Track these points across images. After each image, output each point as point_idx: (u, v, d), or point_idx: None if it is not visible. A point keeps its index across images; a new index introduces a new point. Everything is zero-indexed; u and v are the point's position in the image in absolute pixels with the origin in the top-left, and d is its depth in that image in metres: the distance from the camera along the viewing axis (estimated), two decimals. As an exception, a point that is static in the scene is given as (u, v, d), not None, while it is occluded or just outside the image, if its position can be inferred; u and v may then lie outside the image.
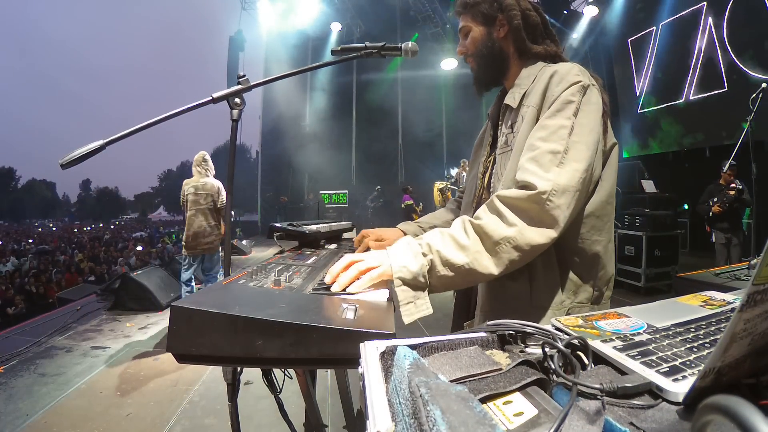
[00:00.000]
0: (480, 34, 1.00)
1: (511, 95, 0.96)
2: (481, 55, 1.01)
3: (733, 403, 0.20)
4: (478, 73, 1.04)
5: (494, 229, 0.75)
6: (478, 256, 0.74)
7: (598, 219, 0.89)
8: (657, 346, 0.44)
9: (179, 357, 0.52)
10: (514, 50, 1.01)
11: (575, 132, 0.80)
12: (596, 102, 0.86)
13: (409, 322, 0.70)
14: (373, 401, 0.34)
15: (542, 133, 0.82)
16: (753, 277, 0.27)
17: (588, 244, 0.89)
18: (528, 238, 0.74)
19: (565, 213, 0.76)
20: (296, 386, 0.91)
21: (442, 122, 15.01)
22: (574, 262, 0.90)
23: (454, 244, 0.75)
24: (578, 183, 0.78)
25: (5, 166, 60.62)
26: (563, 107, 0.83)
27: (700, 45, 8.10)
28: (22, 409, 2.44)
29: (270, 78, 1.00)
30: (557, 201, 0.75)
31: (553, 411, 0.33)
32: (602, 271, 0.92)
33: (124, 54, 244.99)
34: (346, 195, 13.42)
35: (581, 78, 0.86)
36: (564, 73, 0.87)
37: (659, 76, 9.20)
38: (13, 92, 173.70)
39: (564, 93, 0.84)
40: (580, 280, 0.90)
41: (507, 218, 0.76)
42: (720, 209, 4.46)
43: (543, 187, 0.75)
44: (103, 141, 0.76)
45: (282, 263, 0.91)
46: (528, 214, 0.76)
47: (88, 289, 5.84)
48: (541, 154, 0.79)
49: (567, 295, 0.89)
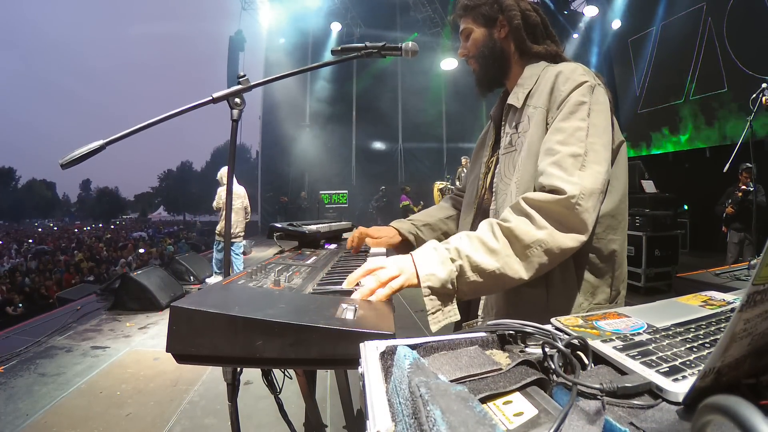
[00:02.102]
0: (481, 35, 1.01)
1: (514, 95, 0.96)
2: (483, 56, 1.01)
3: (733, 403, 0.20)
4: (480, 75, 1.04)
5: (525, 232, 0.74)
6: (509, 260, 0.73)
7: (613, 218, 0.89)
8: (657, 346, 0.44)
9: (179, 357, 0.52)
10: (515, 50, 1.01)
11: (591, 133, 0.80)
12: (604, 101, 0.86)
13: (437, 330, 0.67)
14: (373, 401, 0.34)
15: (560, 137, 0.81)
16: (753, 278, 0.27)
17: (604, 243, 0.88)
18: (559, 241, 0.74)
19: (593, 216, 0.76)
20: (296, 386, 0.91)
21: (442, 122, 15.01)
22: (591, 263, 0.89)
23: (484, 249, 0.73)
24: (602, 185, 0.78)
25: (5, 166, 60.52)
26: (576, 109, 0.83)
27: (700, 45, 8.11)
28: (22, 409, 2.44)
29: (270, 78, 1.00)
30: (585, 204, 0.75)
31: (553, 411, 0.33)
32: (618, 271, 0.91)
33: (124, 54, 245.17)
34: (346, 195, 13.42)
35: (587, 78, 0.86)
36: (569, 73, 0.87)
37: (659, 76, 9.20)
38: (13, 92, 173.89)
39: (573, 94, 0.84)
40: (598, 281, 0.89)
41: (536, 221, 0.74)
42: (732, 210, 4.70)
43: (572, 191, 0.74)
44: (103, 141, 0.76)
45: (282, 263, 0.91)
46: (557, 218, 0.75)
47: (88, 289, 5.84)
48: (562, 158, 0.79)
49: (585, 297, 0.88)
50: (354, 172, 15.10)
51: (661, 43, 9.14)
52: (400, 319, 0.63)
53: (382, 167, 14.67)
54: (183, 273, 5.73)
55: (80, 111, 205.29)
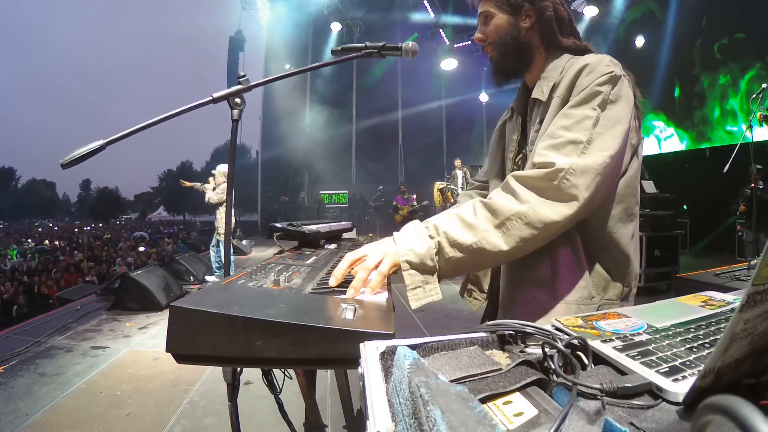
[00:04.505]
0: (505, 22, 0.95)
1: (539, 89, 0.92)
2: (505, 44, 0.95)
3: (733, 403, 0.20)
4: (499, 63, 0.99)
5: (504, 205, 0.73)
6: (486, 234, 0.72)
7: (624, 211, 0.88)
8: (657, 346, 0.44)
9: (178, 357, 0.52)
10: (540, 42, 0.96)
11: (601, 124, 0.76)
12: (626, 94, 0.81)
13: (417, 308, 0.69)
14: (373, 401, 0.34)
15: (565, 122, 0.78)
16: (753, 278, 0.27)
17: (617, 237, 0.87)
18: (540, 214, 0.71)
19: (583, 194, 0.73)
20: (296, 386, 0.91)
21: (442, 122, 15.01)
22: (602, 256, 0.87)
23: (462, 224, 0.73)
24: (600, 166, 0.74)
25: (5, 166, 60.56)
26: (590, 98, 0.79)
27: (700, 44, 8.11)
28: (22, 409, 2.43)
29: (270, 78, 1.00)
30: (574, 180, 0.72)
31: (553, 411, 0.33)
32: (631, 266, 0.90)
33: (124, 54, 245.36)
34: (346, 195, 13.42)
35: (613, 68, 0.81)
36: (595, 64, 0.82)
37: (659, 76, 9.20)
38: (13, 93, 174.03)
39: (592, 83, 0.80)
40: (609, 276, 0.88)
41: (519, 195, 0.73)
42: (745, 208, 4.92)
43: (560, 164, 0.72)
44: (103, 141, 0.76)
45: (281, 263, 0.91)
46: (542, 191, 0.73)
47: (88, 289, 5.84)
48: (561, 143, 0.76)
49: (596, 291, 0.87)
50: (354, 172, 15.11)
51: (660, 43, 9.14)
52: (400, 319, 0.63)
53: (382, 167, 14.68)
54: (183, 273, 5.74)
55: (80, 111, 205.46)
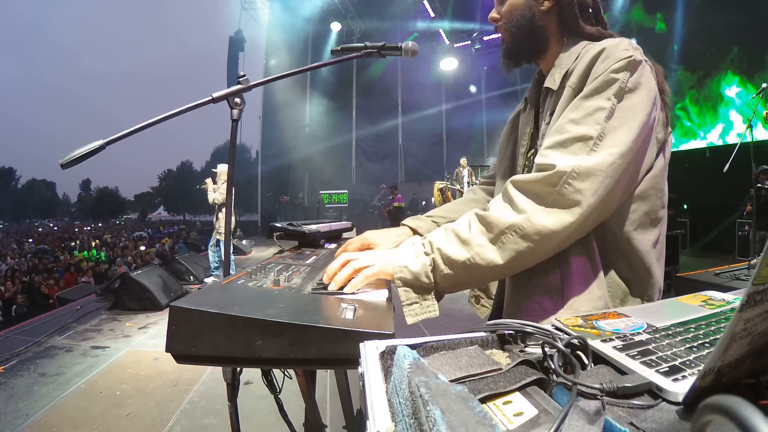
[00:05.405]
0: (520, 3, 0.89)
1: (551, 78, 0.85)
2: (518, 26, 0.89)
3: (733, 403, 0.20)
4: (510, 45, 0.92)
5: (499, 217, 0.68)
6: (480, 250, 0.68)
7: (646, 214, 0.79)
8: (657, 345, 0.44)
9: (178, 357, 0.52)
10: (557, 28, 0.89)
11: (616, 116, 0.69)
12: (647, 81, 0.72)
13: (412, 323, 0.68)
14: (373, 401, 0.34)
15: (575, 115, 0.71)
16: (753, 277, 0.27)
17: (637, 243, 0.78)
18: (537, 224, 0.66)
19: (589, 199, 0.66)
20: (296, 386, 0.91)
21: (442, 122, 15.01)
22: (620, 264, 0.80)
23: (456, 240, 0.70)
24: (608, 167, 0.67)
25: (5, 166, 60.64)
26: (604, 86, 0.70)
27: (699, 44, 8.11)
28: (22, 409, 2.43)
29: (270, 78, 1.00)
30: (578, 185, 0.65)
31: (553, 411, 0.33)
32: (653, 278, 0.81)
33: (124, 54, 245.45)
34: (346, 195, 13.43)
35: (632, 53, 0.72)
36: (612, 49, 0.73)
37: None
38: (13, 93, 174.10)
39: (608, 70, 0.71)
40: (628, 287, 0.80)
41: (516, 204, 0.68)
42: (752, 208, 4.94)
43: (562, 167, 0.66)
44: (103, 141, 0.76)
45: (281, 263, 0.90)
46: (542, 197, 0.67)
47: (88, 289, 5.84)
48: (568, 140, 0.69)
49: (613, 303, 0.79)
50: (354, 172, 15.11)
51: (660, 43, 9.14)
52: (399, 318, 0.63)
53: (382, 167, 14.68)
54: (183, 273, 5.74)
55: (80, 111, 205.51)
